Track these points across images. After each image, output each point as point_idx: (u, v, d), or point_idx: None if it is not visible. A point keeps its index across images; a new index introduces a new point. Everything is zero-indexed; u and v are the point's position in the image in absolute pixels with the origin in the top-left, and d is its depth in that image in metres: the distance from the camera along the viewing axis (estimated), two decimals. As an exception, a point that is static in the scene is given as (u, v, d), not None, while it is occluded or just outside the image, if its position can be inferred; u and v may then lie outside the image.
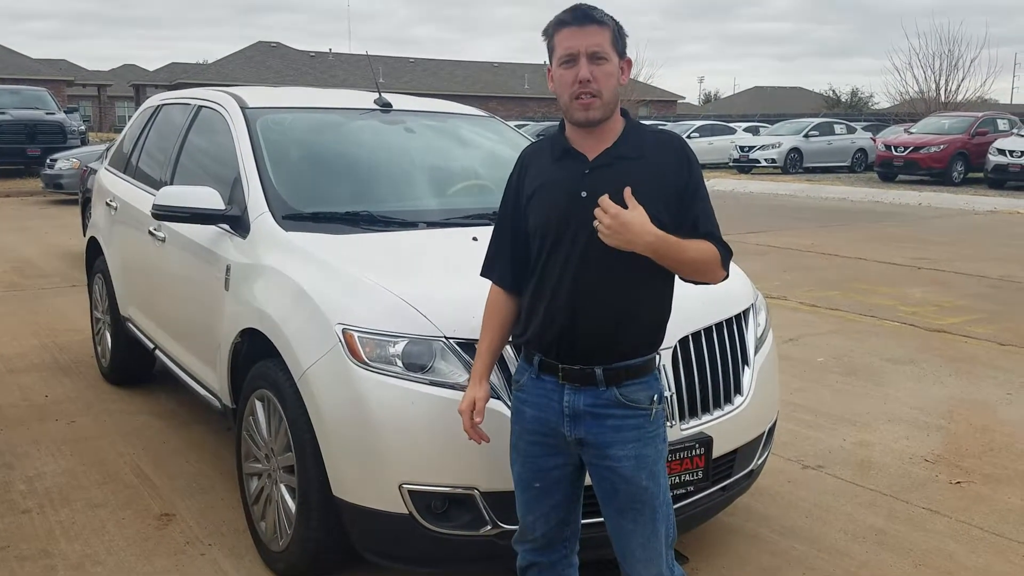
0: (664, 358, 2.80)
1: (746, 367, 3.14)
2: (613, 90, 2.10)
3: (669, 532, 2.24)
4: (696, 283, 2.19)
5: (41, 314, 7.13)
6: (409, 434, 2.63)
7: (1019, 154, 19.62)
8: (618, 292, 2.12)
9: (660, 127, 2.19)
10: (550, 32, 2.14)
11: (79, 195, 10.64)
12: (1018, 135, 20.76)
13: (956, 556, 3.37)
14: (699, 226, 2.13)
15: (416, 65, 55.36)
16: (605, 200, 2.02)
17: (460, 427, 2.60)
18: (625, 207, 2.02)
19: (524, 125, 32.93)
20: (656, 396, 2.19)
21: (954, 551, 3.40)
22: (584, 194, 2.10)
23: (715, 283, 2.19)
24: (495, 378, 2.64)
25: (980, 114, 23.57)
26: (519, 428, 2.29)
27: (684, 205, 2.12)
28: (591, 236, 2.06)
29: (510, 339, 2.35)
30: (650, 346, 2.21)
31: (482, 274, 2.39)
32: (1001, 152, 20.01)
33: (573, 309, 2.12)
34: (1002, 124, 22.74)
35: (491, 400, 2.60)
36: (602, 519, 2.28)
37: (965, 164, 21.54)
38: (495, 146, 4.60)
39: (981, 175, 20.79)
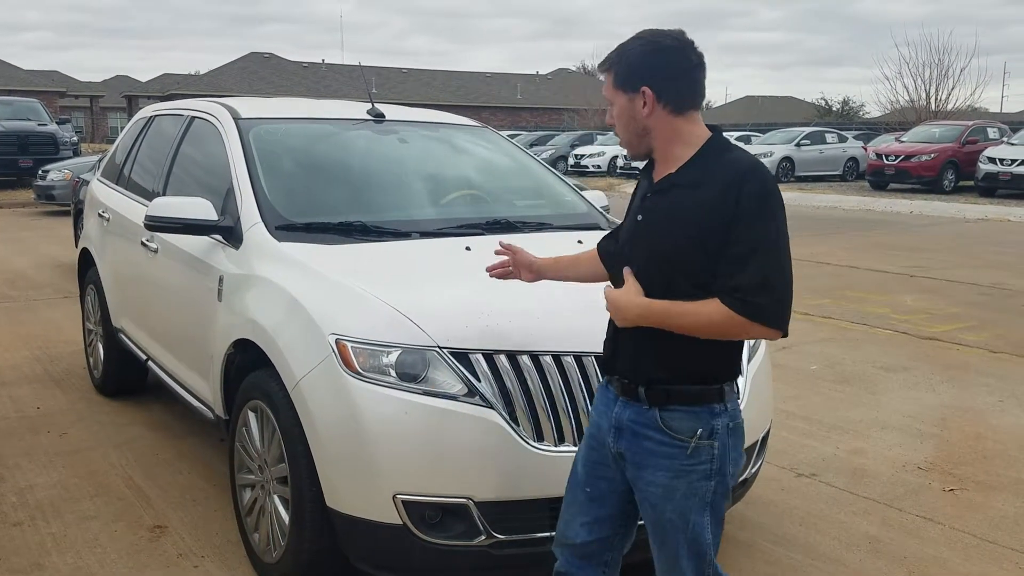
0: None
1: (739, 376, 3.13)
2: (625, 129, 2.09)
3: (703, 571, 2.11)
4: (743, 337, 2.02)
5: (33, 326, 7.10)
6: (403, 444, 2.63)
7: (1009, 162, 19.74)
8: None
9: (742, 154, 2.04)
10: None
11: (71, 206, 10.61)
12: (1008, 143, 20.88)
13: (950, 563, 3.37)
14: (724, 274, 1.93)
15: (409, 75, 55.45)
16: (605, 287, 2.13)
17: (454, 437, 2.61)
18: (667, 235, 2.00)
19: (517, 135, 33.08)
20: (703, 431, 2.04)
21: (948, 558, 3.41)
22: (640, 218, 2.10)
23: (769, 339, 2.08)
24: (487, 388, 2.64)
25: (970, 123, 23.72)
26: (587, 431, 2.29)
27: (722, 246, 1.93)
28: (640, 262, 2.06)
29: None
30: (701, 378, 2.05)
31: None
32: (991, 160, 20.12)
33: (617, 329, 2.13)
34: (992, 133, 22.89)
35: (484, 409, 2.62)
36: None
37: (956, 172, 21.65)
38: (488, 156, 4.61)
39: (972, 183, 20.90)
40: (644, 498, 2.12)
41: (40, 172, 15.82)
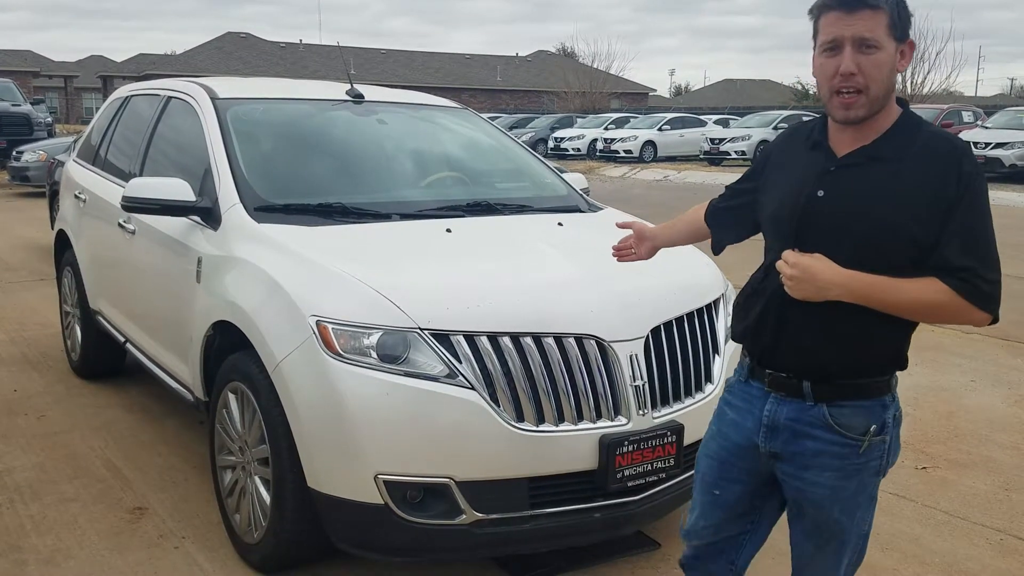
0: (636, 348, 2.84)
1: (716, 356, 3.18)
2: (884, 83, 1.81)
3: (853, 561, 2.07)
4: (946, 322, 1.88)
5: (9, 308, 7.03)
6: (384, 425, 2.64)
7: (983, 146, 19.91)
8: (835, 309, 1.84)
9: (941, 130, 1.89)
10: (815, 13, 1.87)
11: (46, 187, 10.49)
12: (983, 127, 21.08)
13: (922, 540, 3.44)
14: (947, 255, 1.78)
15: (388, 56, 55.08)
16: (788, 253, 1.85)
17: (435, 418, 2.63)
18: (865, 214, 1.80)
19: (497, 117, 32.96)
20: (876, 426, 1.90)
21: (920, 535, 3.47)
22: (821, 193, 1.87)
23: (977, 326, 1.85)
24: (468, 369, 2.66)
25: (945, 106, 23.94)
26: (715, 428, 2.12)
27: (941, 226, 1.78)
28: (819, 241, 1.84)
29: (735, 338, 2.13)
30: (878, 369, 1.91)
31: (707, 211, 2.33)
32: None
33: (782, 318, 1.92)
34: (967, 116, 23.10)
35: (465, 391, 2.64)
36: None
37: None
38: (468, 138, 4.61)
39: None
40: (804, 499, 1.98)
41: (14, 153, 15.61)
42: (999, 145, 19.70)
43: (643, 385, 2.82)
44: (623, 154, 27.95)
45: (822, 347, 1.89)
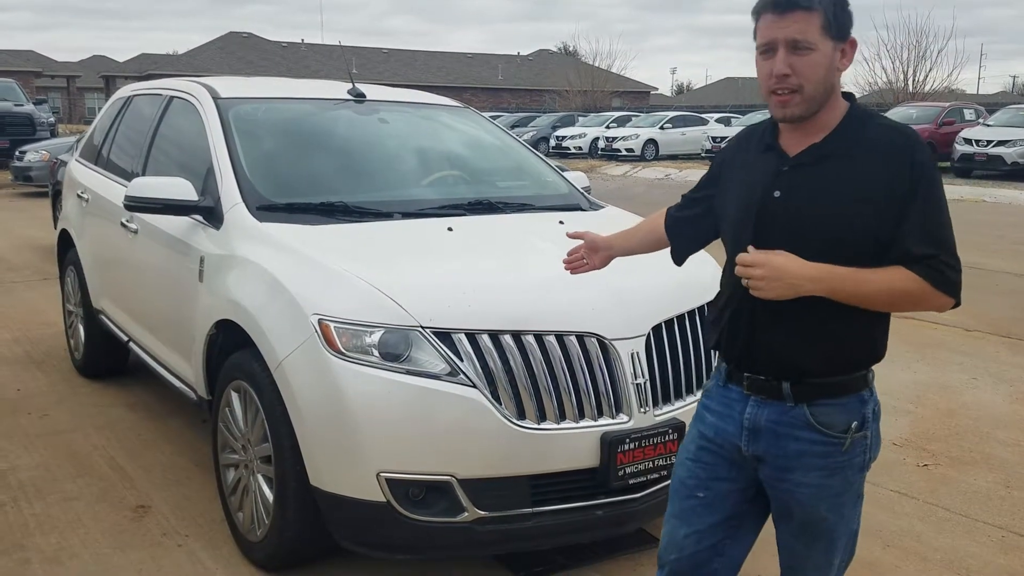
0: (637, 345, 2.85)
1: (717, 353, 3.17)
2: (820, 83, 1.81)
3: (844, 560, 2.06)
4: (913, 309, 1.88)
5: (12, 308, 7.05)
6: (386, 423, 2.65)
7: (985, 143, 19.91)
8: (803, 306, 1.83)
9: (892, 122, 1.89)
10: (754, 16, 1.88)
11: (49, 187, 10.50)
12: (984, 125, 21.06)
13: (924, 537, 3.44)
14: (907, 245, 1.78)
15: (390, 56, 55.07)
16: (746, 256, 1.81)
17: (437, 416, 2.63)
18: (824, 212, 1.79)
19: (498, 116, 32.96)
20: (857, 422, 1.91)
21: (922, 532, 3.48)
22: (777, 194, 1.87)
23: (941, 311, 1.86)
24: (470, 367, 2.66)
25: (947, 104, 23.90)
26: (695, 432, 2.09)
27: (899, 218, 1.79)
28: (780, 243, 1.83)
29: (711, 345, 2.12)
30: (854, 365, 1.91)
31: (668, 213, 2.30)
32: (967, 141, 20.29)
33: (753, 321, 1.92)
34: (968, 114, 23.05)
35: (467, 389, 2.64)
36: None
37: (933, 153, 21.77)
38: (470, 136, 4.62)
39: (948, 164, 21.05)
40: (791, 500, 1.97)
41: (17, 153, 15.63)
42: (1001, 143, 19.69)
43: (644, 383, 2.83)
44: (625, 153, 27.95)
45: (797, 347, 1.88)
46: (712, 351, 2.16)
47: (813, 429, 1.90)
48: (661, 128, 28.86)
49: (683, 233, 2.27)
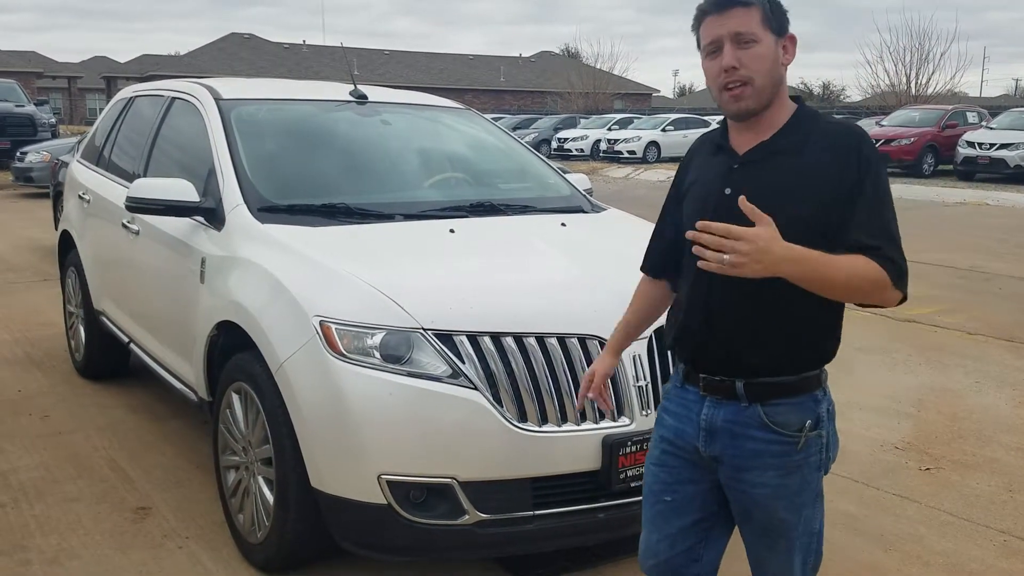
0: (639, 348, 2.84)
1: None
2: (768, 74, 1.85)
3: (808, 561, 2.04)
4: (865, 307, 1.89)
5: (13, 308, 7.05)
6: (387, 425, 2.65)
7: (988, 146, 19.88)
8: (757, 302, 1.86)
9: (839, 119, 1.94)
10: (695, 25, 1.92)
11: (50, 188, 10.51)
12: (987, 128, 21.02)
13: (926, 540, 3.43)
14: (858, 237, 1.80)
15: (391, 57, 55.12)
16: (717, 226, 1.71)
17: (438, 418, 2.63)
18: (775, 209, 1.73)
19: (500, 118, 32.97)
20: (811, 421, 1.92)
21: (924, 535, 3.47)
22: (728, 191, 1.87)
23: (889, 306, 1.86)
24: (471, 370, 2.66)
25: (950, 107, 23.85)
26: (657, 436, 2.10)
27: (848, 211, 1.82)
28: None
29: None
30: (805, 363, 1.93)
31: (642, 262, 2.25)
32: (970, 144, 20.26)
33: (707, 319, 1.93)
34: (971, 117, 23.02)
35: (468, 391, 2.64)
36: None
37: (935, 156, 21.79)
38: (472, 138, 4.61)
39: (951, 167, 21.05)
40: (749, 500, 1.97)
41: (18, 154, 15.63)
42: (1004, 146, 19.66)
43: (646, 385, 2.82)
44: (627, 155, 27.94)
45: (749, 345, 1.90)
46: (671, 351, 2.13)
47: (768, 429, 1.92)
48: (663, 130, 28.84)
49: (674, 265, 2.12)
